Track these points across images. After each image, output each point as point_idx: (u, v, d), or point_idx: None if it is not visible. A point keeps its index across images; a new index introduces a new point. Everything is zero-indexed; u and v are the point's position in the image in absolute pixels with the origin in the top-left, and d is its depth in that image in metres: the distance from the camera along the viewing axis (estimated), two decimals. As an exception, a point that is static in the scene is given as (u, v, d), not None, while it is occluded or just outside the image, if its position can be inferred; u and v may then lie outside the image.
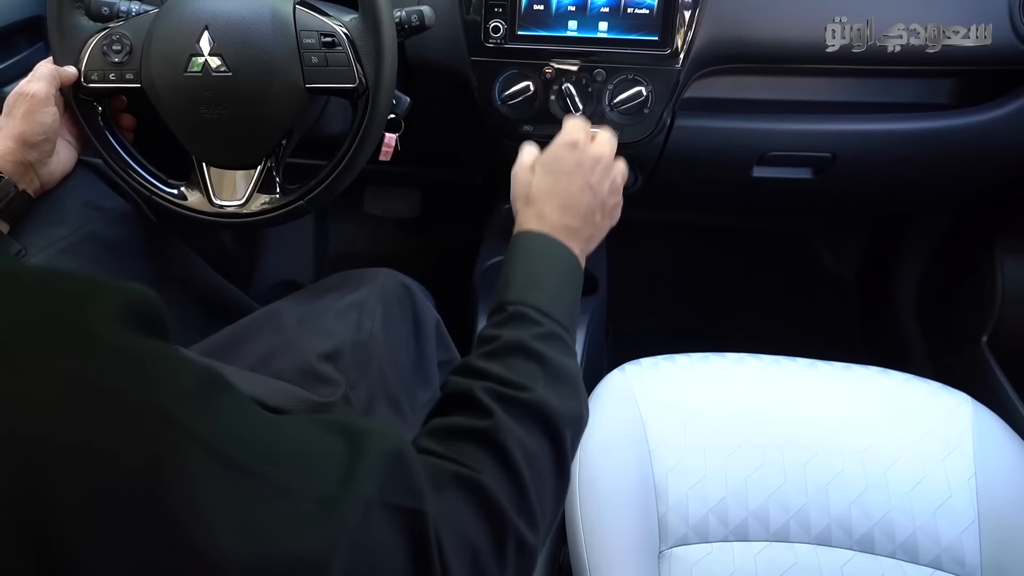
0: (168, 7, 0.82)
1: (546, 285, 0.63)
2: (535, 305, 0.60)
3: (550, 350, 0.58)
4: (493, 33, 0.93)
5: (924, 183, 1.15)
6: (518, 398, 0.53)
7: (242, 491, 0.32)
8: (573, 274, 0.67)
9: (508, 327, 0.58)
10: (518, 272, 0.64)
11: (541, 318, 0.59)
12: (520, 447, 0.50)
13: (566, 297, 0.64)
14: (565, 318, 0.62)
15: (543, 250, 0.66)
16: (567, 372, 0.58)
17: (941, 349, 1.35)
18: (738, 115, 1.04)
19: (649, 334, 1.39)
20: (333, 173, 0.83)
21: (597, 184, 0.71)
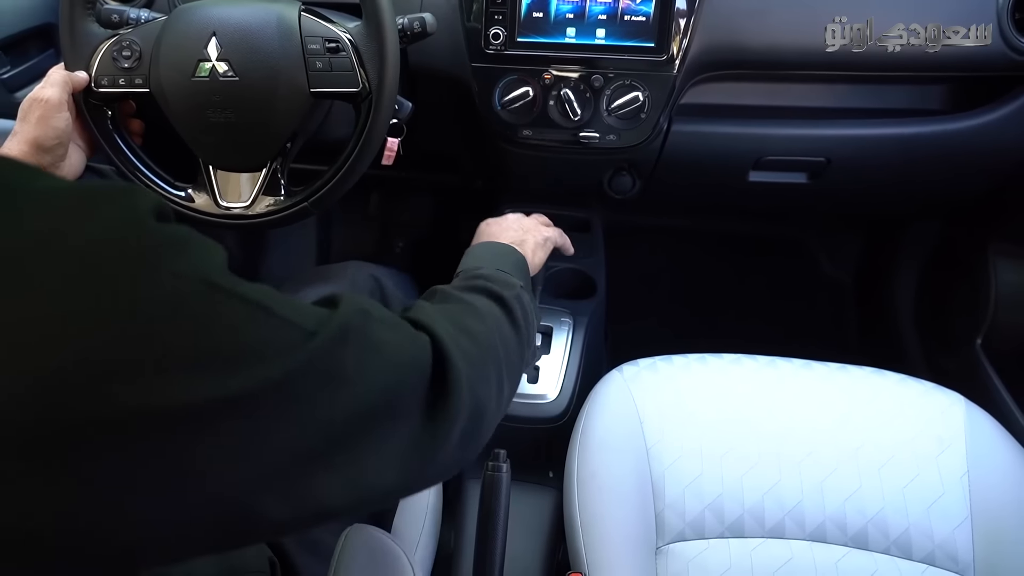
0: (177, 14, 0.85)
1: (511, 266, 0.77)
2: (508, 273, 0.73)
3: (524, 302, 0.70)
4: (493, 40, 0.95)
5: (917, 187, 1.17)
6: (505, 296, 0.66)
7: (280, 331, 0.38)
8: (521, 263, 0.80)
9: (479, 275, 0.70)
10: (489, 257, 0.78)
11: (516, 281, 0.71)
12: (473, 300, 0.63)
13: (504, 260, 0.78)
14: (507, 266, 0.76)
15: (489, 246, 0.82)
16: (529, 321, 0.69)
17: (936, 351, 1.37)
18: (734, 120, 1.06)
19: (648, 336, 1.40)
20: (336, 176, 0.85)
21: (505, 221, 0.90)
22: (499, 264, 0.75)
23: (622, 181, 1.13)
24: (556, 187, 1.26)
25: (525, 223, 0.91)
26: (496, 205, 1.33)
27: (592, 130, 0.99)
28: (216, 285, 0.35)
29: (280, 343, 0.38)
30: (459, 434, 0.50)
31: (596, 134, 0.99)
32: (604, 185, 1.14)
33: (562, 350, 1.05)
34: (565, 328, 1.09)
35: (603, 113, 0.98)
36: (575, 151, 1.03)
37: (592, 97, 0.98)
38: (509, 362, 0.61)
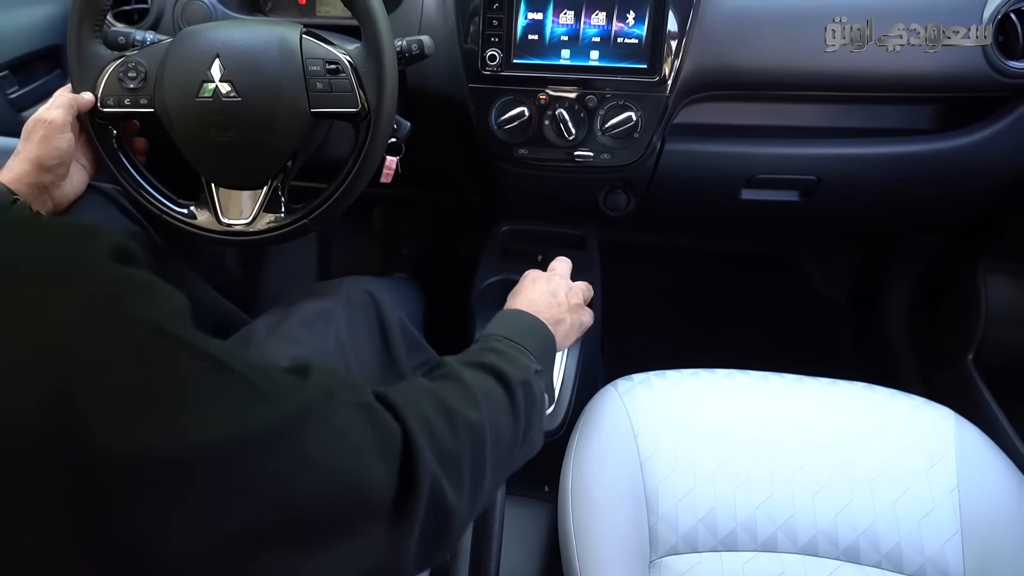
0: (181, 36, 0.87)
1: (540, 345, 0.77)
2: (523, 347, 0.73)
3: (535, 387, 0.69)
4: (490, 61, 0.98)
5: (908, 205, 1.19)
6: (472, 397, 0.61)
7: (227, 383, 0.37)
8: (553, 350, 0.82)
9: (496, 351, 0.70)
10: (521, 327, 0.79)
11: (528, 362, 0.71)
12: (475, 381, 0.61)
13: (551, 361, 0.80)
14: (547, 375, 0.75)
15: (525, 319, 0.82)
16: (536, 409, 0.69)
17: (929, 367, 1.38)
18: (726, 139, 1.08)
19: (644, 352, 1.41)
20: (336, 193, 0.86)
21: (555, 290, 0.90)
22: (523, 339, 0.75)
23: (617, 199, 1.14)
24: (552, 205, 1.28)
25: (570, 298, 0.91)
26: (493, 222, 1.35)
27: (587, 149, 1.01)
28: (170, 334, 0.34)
29: (231, 402, 0.36)
30: (419, 536, 0.47)
31: (591, 153, 1.01)
32: (599, 203, 1.16)
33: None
34: (560, 344, 1.10)
35: (597, 133, 1.00)
36: (570, 170, 1.05)
37: (586, 117, 1.00)
38: (497, 452, 0.58)
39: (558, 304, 0.88)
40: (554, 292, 0.89)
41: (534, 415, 0.67)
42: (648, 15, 0.94)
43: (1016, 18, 0.95)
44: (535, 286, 0.90)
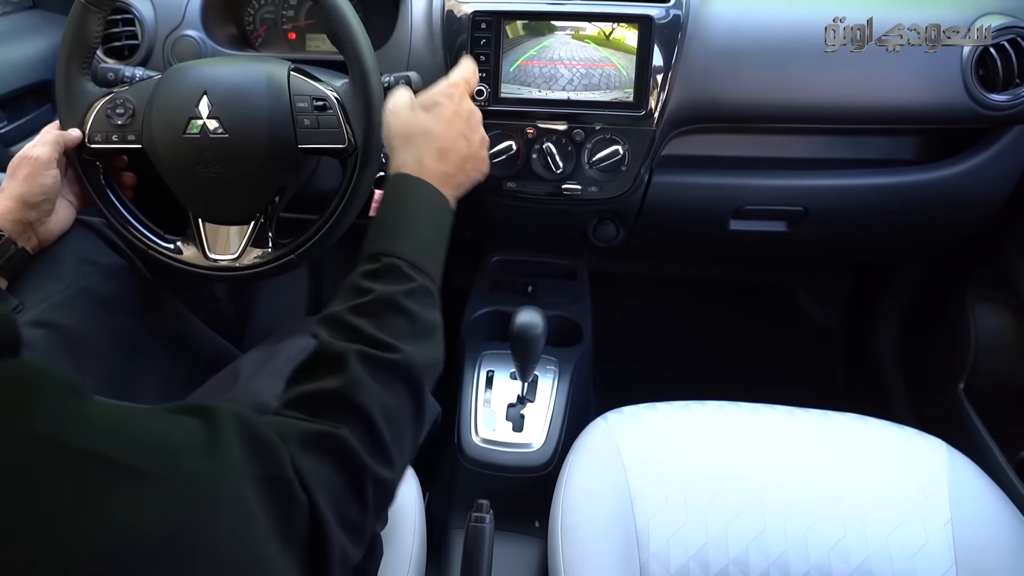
0: (170, 73, 0.87)
1: (420, 236, 0.66)
2: (408, 258, 0.63)
3: (418, 305, 0.62)
4: (477, 96, 0.98)
5: (894, 234, 1.20)
6: (385, 360, 0.57)
7: (110, 480, 0.34)
8: (445, 224, 0.70)
9: (381, 281, 0.62)
10: (395, 219, 0.67)
11: (413, 272, 0.63)
12: (379, 405, 0.55)
13: (437, 248, 0.68)
14: (434, 269, 0.66)
15: (421, 198, 0.69)
16: (431, 325, 0.63)
17: (921, 396, 1.37)
18: (713, 171, 1.08)
19: (635, 380, 1.40)
20: (323, 228, 0.86)
21: (470, 135, 0.74)
22: (424, 247, 0.66)
23: (606, 230, 1.15)
24: (542, 236, 1.28)
25: (473, 123, 0.75)
26: (484, 253, 1.35)
27: (574, 182, 1.02)
28: (42, 437, 0.33)
29: (114, 502, 0.34)
30: None
31: (578, 186, 1.02)
32: (589, 234, 1.16)
33: (547, 398, 1.06)
34: (551, 375, 1.09)
35: (585, 166, 1.01)
36: (558, 202, 1.05)
37: (574, 150, 1.00)
38: (403, 461, 0.57)
39: (471, 157, 0.74)
40: (469, 139, 0.74)
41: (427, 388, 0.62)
42: (634, 50, 0.95)
43: (995, 52, 0.97)
44: (455, 121, 0.73)
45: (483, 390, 1.08)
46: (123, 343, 0.92)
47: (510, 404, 1.05)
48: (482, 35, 0.97)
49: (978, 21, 0.97)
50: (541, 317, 0.96)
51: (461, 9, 0.98)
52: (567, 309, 1.22)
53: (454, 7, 0.99)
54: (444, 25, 1.00)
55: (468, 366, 1.11)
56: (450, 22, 0.99)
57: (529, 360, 0.98)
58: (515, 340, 0.96)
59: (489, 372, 1.10)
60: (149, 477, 0.35)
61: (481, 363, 1.11)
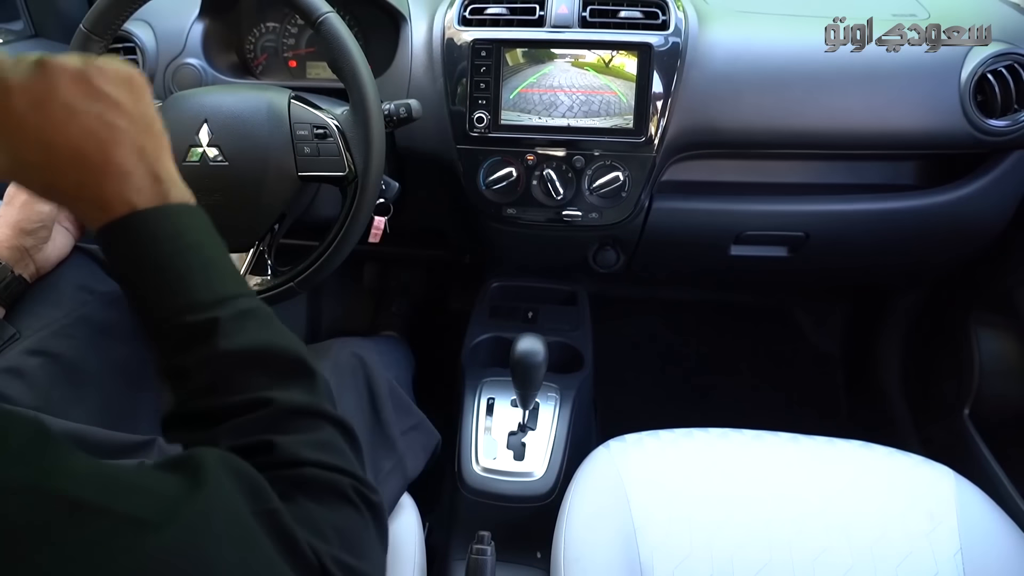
0: (170, 101, 0.87)
1: (169, 277, 0.49)
2: (192, 304, 0.48)
3: (250, 338, 0.49)
4: (477, 123, 0.99)
5: (895, 259, 1.19)
6: (263, 416, 0.47)
7: (94, 529, 0.33)
8: (184, 227, 0.52)
9: (188, 349, 0.48)
10: (132, 288, 0.50)
11: (206, 315, 0.48)
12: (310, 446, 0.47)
13: (203, 262, 0.51)
14: (229, 284, 0.51)
15: (127, 244, 0.49)
16: (282, 351, 0.50)
17: (925, 421, 1.36)
18: (714, 197, 1.08)
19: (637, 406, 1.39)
20: (323, 256, 0.86)
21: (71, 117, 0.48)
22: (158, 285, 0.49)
23: (607, 256, 1.15)
24: (542, 261, 1.28)
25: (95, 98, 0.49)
26: (483, 278, 1.35)
27: (575, 208, 1.02)
28: (5, 487, 0.32)
29: (89, 549, 0.32)
30: None
31: (579, 212, 1.02)
32: (589, 260, 1.16)
33: (549, 426, 1.05)
34: (552, 403, 1.08)
35: (585, 192, 1.01)
36: (559, 228, 1.05)
37: (574, 177, 1.00)
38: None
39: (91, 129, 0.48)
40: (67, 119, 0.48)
41: None
42: (634, 77, 0.96)
43: (993, 78, 0.97)
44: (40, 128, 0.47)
45: (484, 417, 1.07)
46: (122, 371, 0.91)
47: (511, 432, 1.03)
48: (482, 63, 0.97)
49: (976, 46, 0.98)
50: (542, 344, 0.95)
51: (461, 37, 0.99)
52: (568, 335, 1.21)
53: (454, 35, 1.00)
54: (444, 53, 1.00)
55: (468, 393, 1.10)
56: (450, 50, 1.00)
57: (530, 388, 0.98)
58: (516, 367, 0.95)
59: (490, 399, 1.09)
60: (129, 522, 0.33)
61: (481, 390, 1.10)
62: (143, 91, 0.53)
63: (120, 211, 0.48)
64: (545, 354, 0.95)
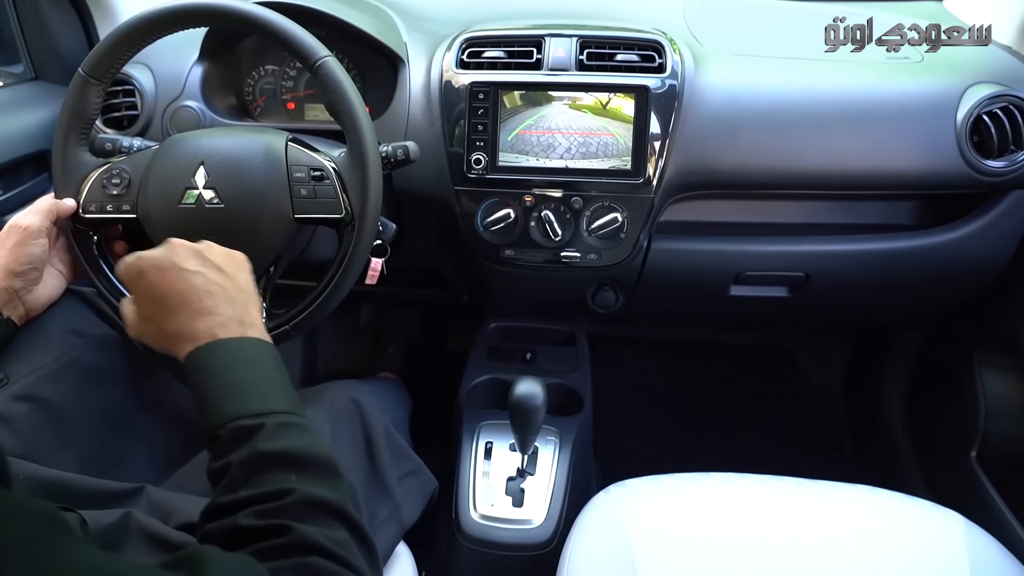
0: (167, 144, 0.87)
1: (243, 388, 0.61)
2: (243, 413, 0.58)
3: (285, 442, 0.57)
4: (475, 165, 0.98)
5: (896, 299, 1.19)
6: (284, 505, 0.52)
7: None
8: (263, 357, 0.64)
9: (231, 451, 0.56)
10: (210, 394, 0.61)
11: (257, 420, 0.57)
12: (326, 538, 0.51)
13: (269, 383, 0.62)
14: (280, 403, 0.61)
15: (218, 359, 0.63)
16: (313, 455, 0.57)
17: (931, 463, 1.34)
18: (713, 237, 1.08)
19: (638, 448, 1.37)
20: (319, 299, 0.85)
21: (181, 276, 0.67)
22: (247, 394, 0.60)
23: (605, 296, 1.14)
24: (540, 302, 1.27)
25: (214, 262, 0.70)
26: (481, 319, 1.34)
27: (573, 250, 1.01)
28: None
29: None
30: None
31: (577, 254, 1.01)
32: (588, 300, 1.15)
33: (548, 471, 1.02)
34: (551, 447, 1.06)
35: (583, 233, 1.00)
36: (557, 269, 1.04)
37: (572, 218, 1.00)
38: None
39: (204, 285, 0.66)
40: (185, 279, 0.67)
41: None
42: (631, 119, 0.96)
43: (988, 119, 0.98)
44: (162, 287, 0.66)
45: (482, 462, 1.05)
46: (111, 417, 0.89)
47: (510, 477, 1.01)
48: (480, 105, 0.98)
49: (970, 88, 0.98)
50: (541, 387, 0.94)
51: (459, 80, 0.99)
52: (567, 377, 1.20)
53: (452, 78, 1.00)
54: (442, 95, 1.01)
55: (466, 436, 1.08)
56: (448, 92, 1.00)
57: (529, 432, 0.96)
58: (515, 411, 0.94)
59: (488, 443, 1.07)
60: None
61: (479, 433, 1.08)
62: (242, 263, 0.73)
63: (205, 340, 0.63)
64: (544, 397, 0.93)
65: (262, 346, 0.66)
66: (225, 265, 0.70)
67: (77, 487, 0.74)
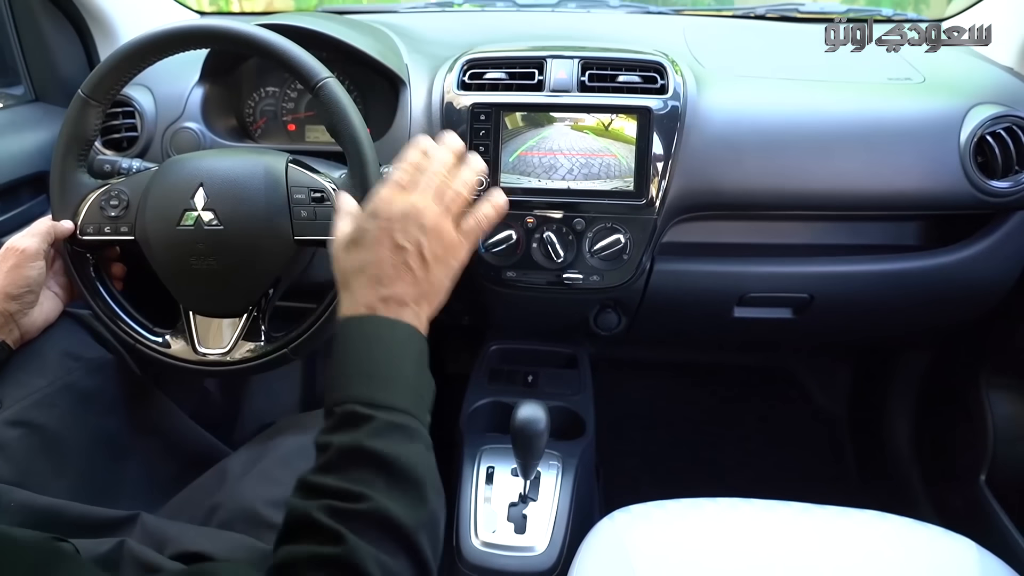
0: (166, 165, 0.87)
1: (371, 372, 0.59)
2: (361, 398, 0.57)
3: (388, 443, 0.55)
4: (477, 185, 0.97)
5: (901, 320, 1.17)
6: (357, 511, 0.51)
7: None
8: (407, 347, 0.62)
9: (339, 432, 0.56)
10: (343, 366, 0.60)
11: (371, 411, 0.56)
12: (378, 565, 0.49)
13: (402, 376, 0.60)
14: (403, 399, 0.59)
15: (365, 334, 0.62)
16: (408, 468, 0.55)
17: (940, 487, 1.32)
18: (716, 258, 1.07)
19: (641, 471, 1.35)
20: (318, 322, 0.84)
21: (408, 239, 0.64)
22: (381, 381, 0.59)
23: (608, 318, 1.12)
24: (542, 324, 1.25)
25: (410, 226, 0.65)
26: (482, 341, 1.33)
27: (576, 271, 1.00)
28: None
29: None
30: None
31: (580, 275, 1.00)
32: (590, 322, 1.14)
33: (551, 496, 1.00)
34: (554, 472, 1.04)
35: (586, 255, 0.99)
36: (559, 291, 1.03)
37: (575, 239, 0.99)
38: None
39: (418, 260, 0.64)
40: (407, 245, 0.64)
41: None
42: (633, 140, 0.96)
43: (992, 140, 0.97)
44: (383, 240, 0.64)
45: (483, 487, 1.03)
46: (105, 441, 0.88)
47: (512, 503, 0.99)
48: (481, 126, 0.97)
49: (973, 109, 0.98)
50: (544, 411, 0.92)
51: (461, 101, 0.99)
52: (569, 400, 1.18)
53: (454, 99, 1.00)
54: (444, 117, 1.00)
55: (467, 461, 1.06)
56: (450, 114, 1.00)
57: (532, 457, 0.94)
58: (517, 436, 0.92)
59: (489, 468, 1.05)
60: None
61: (481, 458, 1.06)
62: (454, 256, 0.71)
63: (364, 311, 0.62)
64: (547, 422, 0.92)
65: (414, 336, 0.63)
66: (435, 255, 0.66)
67: (70, 515, 0.73)
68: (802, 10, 1.35)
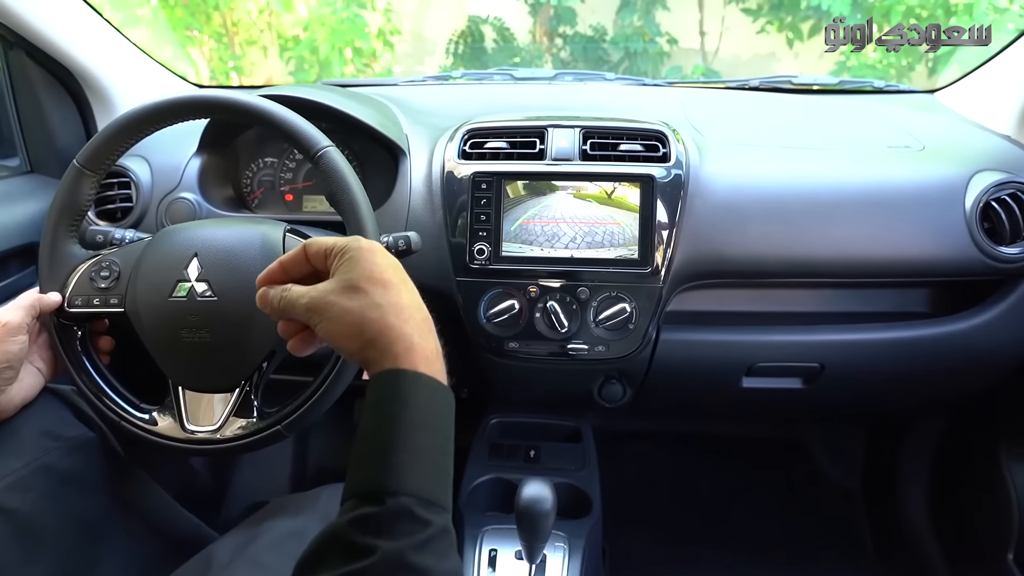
0: (160, 235, 0.84)
1: (430, 455, 0.52)
2: (421, 494, 0.49)
3: (434, 558, 0.48)
4: (478, 255, 0.96)
5: (913, 388, 1.14)
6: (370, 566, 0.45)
7: None
8: (452, 423, 0.56)
9: (386, 534, 0.48)
10: (391, 437, 0.52)
11: (427, 513, 0.49)
12: None
13: (448, 463, 0.53)
14: (448, 496, 0.52)
15: (421, 398, 0.54)
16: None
17: (963, 566, 1.26)
18: (724, 327, 1.04)
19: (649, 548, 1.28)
20: (313, 397, 0.80)
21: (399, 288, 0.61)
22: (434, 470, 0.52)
23: (612, 390, 1.09)
24: (544, 396, 1.21)
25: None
26: (482, 414, 1.28)
27: (580, 342, 0.97)
28: None
29: None
30: None
31: (585, 346, 0.97)
32: (594, 394, 1.10)
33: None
34: (560, 553, 0.99)
35: (591, 324, 0.97)
36: (563, 363, 1.00)
37: (579, 309, 0.96)
38: None
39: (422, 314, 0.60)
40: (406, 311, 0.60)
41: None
42: (637, 208, 0.94)
43: (997, 205, 0.97)
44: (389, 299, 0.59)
45: (485, 571, 0.97)
46: (84, 526, 0.82)
47: (516, 590, 0.93)
48: (482, 195, 0.96)
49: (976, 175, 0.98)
50: (550, 490, 0.88)
51: (461, 171, 0.98)
52: (573, 476, 1.13)
53: (454, 168, 0.99)
54: (444, 186, 0.99)
55: (468, 544, 1.01)
56: (450, 183, 0.99)
57: (537, 539, 0.89)
58: (522, 516, 0.87)
59: (492, 551, 0.99)
60: None
61: (483, 540, 1.01)
62: None
63: (406, 365, 0.55)
64: (554, 501, 0.87)
65: (449, 402, 0.57)
66: None
67: None
68: (795, 82, 1.37)
